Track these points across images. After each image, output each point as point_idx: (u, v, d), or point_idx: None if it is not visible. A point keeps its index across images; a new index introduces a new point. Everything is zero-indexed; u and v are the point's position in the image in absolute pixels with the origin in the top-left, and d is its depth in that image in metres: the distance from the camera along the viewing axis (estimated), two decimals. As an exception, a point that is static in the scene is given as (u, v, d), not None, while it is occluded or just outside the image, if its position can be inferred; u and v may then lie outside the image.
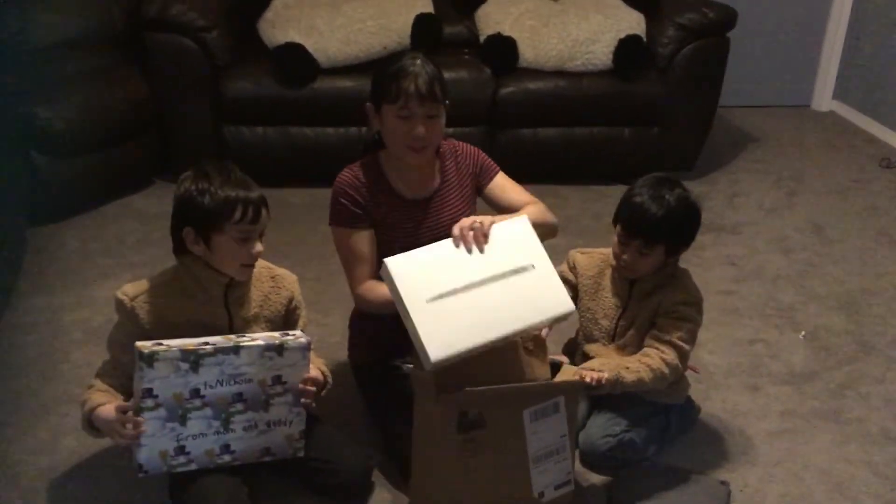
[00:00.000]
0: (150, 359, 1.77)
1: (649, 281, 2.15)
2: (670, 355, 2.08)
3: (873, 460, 2.25)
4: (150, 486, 2.01)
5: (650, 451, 2.21)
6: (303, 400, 1.94)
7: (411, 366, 1.97)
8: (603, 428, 2.16)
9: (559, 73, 3.73)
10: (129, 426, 1.79)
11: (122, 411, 1.81)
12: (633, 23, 3.78)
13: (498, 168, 2.30)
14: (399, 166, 2.16)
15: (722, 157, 4.22)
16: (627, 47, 3.68)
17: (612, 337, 2.19)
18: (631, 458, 2.17)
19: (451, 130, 3.56)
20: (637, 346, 2.16)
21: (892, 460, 2.25)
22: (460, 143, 2.28)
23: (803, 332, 2.82)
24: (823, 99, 4.99)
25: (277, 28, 3.63)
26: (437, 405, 1.82)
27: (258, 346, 1.86)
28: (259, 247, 1.91)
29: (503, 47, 3.71)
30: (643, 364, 2.06)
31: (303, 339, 1.92)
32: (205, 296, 1.93)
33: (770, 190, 3.92)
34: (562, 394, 1.93)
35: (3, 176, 2.91)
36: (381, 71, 2.09)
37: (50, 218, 3.35)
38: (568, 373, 1.99)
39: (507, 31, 3.74)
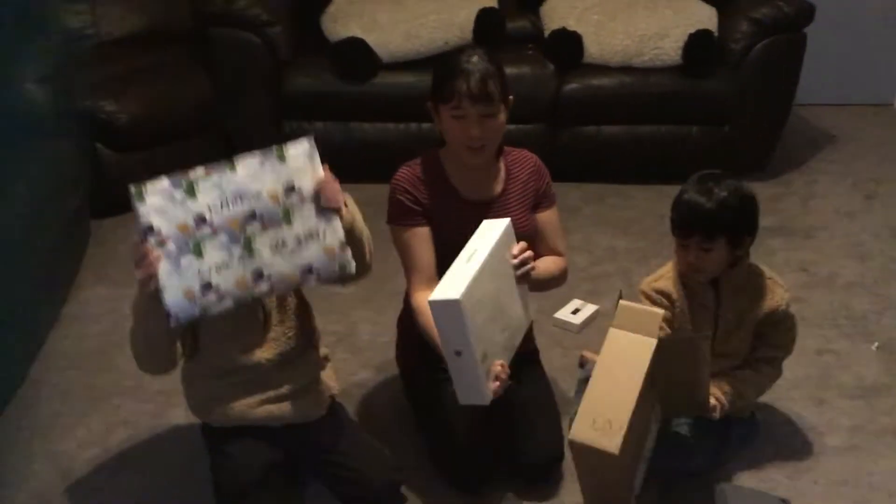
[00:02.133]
0: (140, 193, 1.67)
1: (731, 283, 2.09)
2: (780, 371, 2.18)
3: (947, 483, 2.12)
4: (198, 479, 1.99)
5: (706, 463, 2.13)
6: (324, 203, 1.74)
7: None
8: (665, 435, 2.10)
9: (625, 69, 3.62)
10: (143, 260, 1.66)
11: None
12: (704, 17, 3.65)
13: (555, 201, 2.23)
14: (459, 165, 2.11)
15: (797, 157, 4.05)
16: (698, 43, 3.56)
17: (712, 347, 2.08)
18: (684, 466, 2.10)
19: (512, 128, 3.52)
20: (736, 354, 2.14)
21: (968, 484, 2.12)
22: (535, 157, 2.21)
23: (876, 344, 2.67)
24: (907, 97, 4.77)
25: (339, 23, 3.62)
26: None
27: (254, 158, 1.71)
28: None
29: (568, 42, 3.62)
30: (755, 386, 2.15)
31: (304, 139, 1.74)
32: None
33: (847, 193, 3.74)
34: None
35: (68, 169, 2.96)
36: (438, 68, 2.04)
37: (113, 211, 3.39)
38: None
39: (572, 26, 3.65)
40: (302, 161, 1.73)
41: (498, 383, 1.84)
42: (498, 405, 1.89)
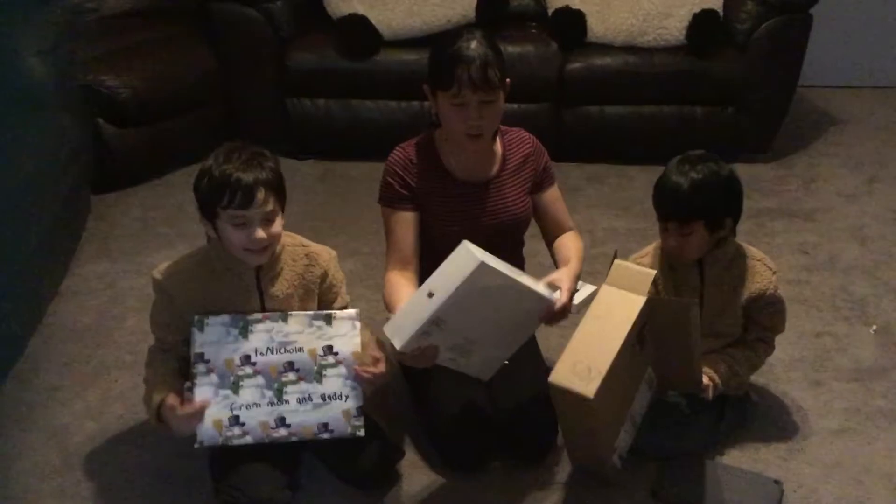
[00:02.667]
0: (202, 322, 1.83)
1: (715, 263, 2.08)
2: (773, 346, 2.18)
3: (942, 466, 2.12)
4: (195, 455, 1.99)
5: (700, 442, 2.14)
6: (357, 377, 1.90)
7: None
8: (660, 412, 2.12)
9: (629, 49, 3.60)
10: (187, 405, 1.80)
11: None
12: (709, -3, 3.62)
13: (555, 178, 2.24)
14: (454, 147, 2.10)
15: (800, 139, 4.03)
16: (702, 22, 3.53)
17: (703, 327, 2.07)
18: (685, 446, 2.11)
19: (515, 107, 3.52)
20: (729, 335, 2.15)
21: (961, 467, 2.12)
22: (531, 136, 2.21)
23: (874, 327, 2.67)
24: (913, 80, 4.72)
25: (342, -1, 3.60)
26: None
27: (306, 314, 1.91)
28: (261, 233, 1.78)
29: (571, 21, 3.60)
30: (749, 364, 2.15)
31: (351, 310, 1.95)
32: (235, 278, 1.90)
33: (850, 175, 3.72)
34: None
35: (68, 143, 2.96)
36: (435, 53, 2.01)
37: (114, 186, 3.40)
38: None
39: (576, 4, 3.62)
40: (346, 329, 1.92)
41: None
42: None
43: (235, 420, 1.84)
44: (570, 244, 2.19)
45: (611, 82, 3.61)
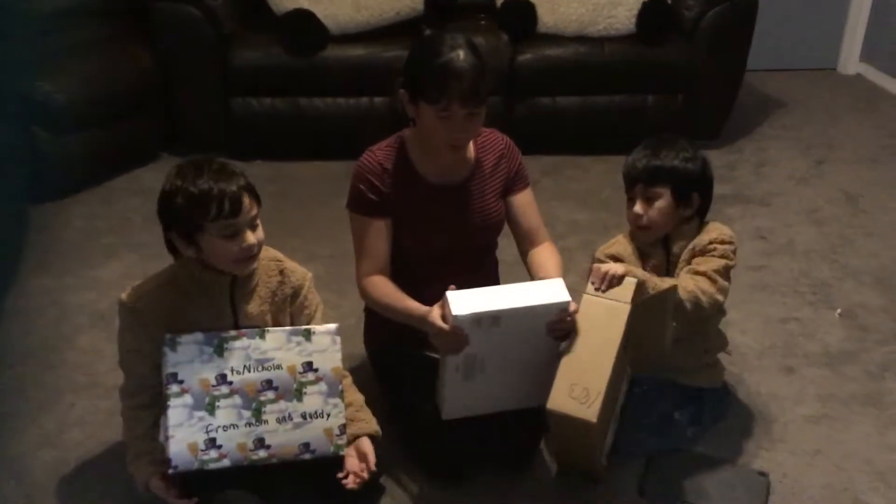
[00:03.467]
0: (174, 342, 1.74)
1: (681, 241, 2.07)
2: (704, 283, 1.96)
3: (917, 448, 2.14)
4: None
5: (683, 437, 2.12)
6: (347, 485, 1.85)
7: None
8: (642, 410, 2.09)
9: (580, 39, 3.58)
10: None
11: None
12: (657, -16, 3.61)
13: (528, 181, 2.18)
14: (426, 150, 2.03)
15: (747, 124, 4.07)
16: (651, 11, 3.53)
17: None
18: (669, 442, 2.09)
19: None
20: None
21: (937, 447, 2.14)
22: (505, 137, 2.15)
23: (839, 310, 2.69)
24: (850, 62, 4.82)
25: (285, -6, 3.49)
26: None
27: (284, 329, 1.84)
28: (251, 238, 1.75)
29: (521, 12, 3.56)
30: (703, 291, 1.95)
31: (331, 325, 1.89)
32: (208, 296, 1.82)
33: (799, 158, 3.77)
34: None
35: (2, 152, 2.80)
36: (419, 62, 1.91)
37: (53, 195, 3.26)
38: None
39: (525, -5, 3.59)
40: (326, 344, 1.86)
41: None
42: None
43: (212, 443, 1.75)
44: (548, 262, 2.07)
45: (562, 73, 3.59)
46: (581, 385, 1.79)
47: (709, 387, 2.18)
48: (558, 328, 1.85)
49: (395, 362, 2.17)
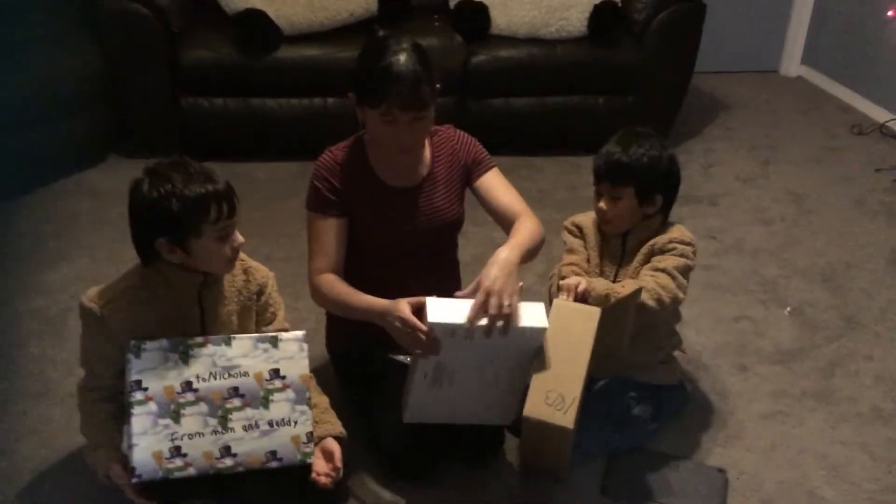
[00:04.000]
0: (138, 348, 1.71)
1: (639, 235, 2.10)
2: (664, 279, 2.00)
3: (867, 442, 2.20)
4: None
5: (644, 435, 2.16)
6: (320, 482, 1.84)
7: (407, 357, 1.91)
8: (603, 407, 2.13)
9: (532, 41, 3.60)
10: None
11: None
12: (608, -13, 3.65)
13: (493, 163, 2.14)
14: (383, 156, 2.03)
15: (694, 125, 4.14)
16: (603, 13, 3.57)
17: None
18: (631, 438, 2.13)
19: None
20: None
21: (885, 441, 2.21)
22: (458, 132, 2.14)
23: (788, 308, 2.76)
24: (792, 64, 4.93)
25: (237, -8, 3.44)
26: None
27: (251, 337, 1.82)
28: (241, 237, 1.77)
29: (474, 13, 3.57)
30: (636, 283, 1.98)
31: (298, 332, 1.87)
32: (177, 297, 1.79)
33: (745, 159, 3.85)
34: None
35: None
36: (362, 65, 1.90)
37: (-4, 197, 3.16)
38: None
39: (478, -4, 3.59)
40: (293, 351, 1.83)
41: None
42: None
43: (177, 451, 1.72)
44: (517, 231, 1.98)
45: (515, 74, 3.60)
46: (556, 391, 1.81)
47: (665, 384, 2.22)
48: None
49: (358, 364, 2.16)
